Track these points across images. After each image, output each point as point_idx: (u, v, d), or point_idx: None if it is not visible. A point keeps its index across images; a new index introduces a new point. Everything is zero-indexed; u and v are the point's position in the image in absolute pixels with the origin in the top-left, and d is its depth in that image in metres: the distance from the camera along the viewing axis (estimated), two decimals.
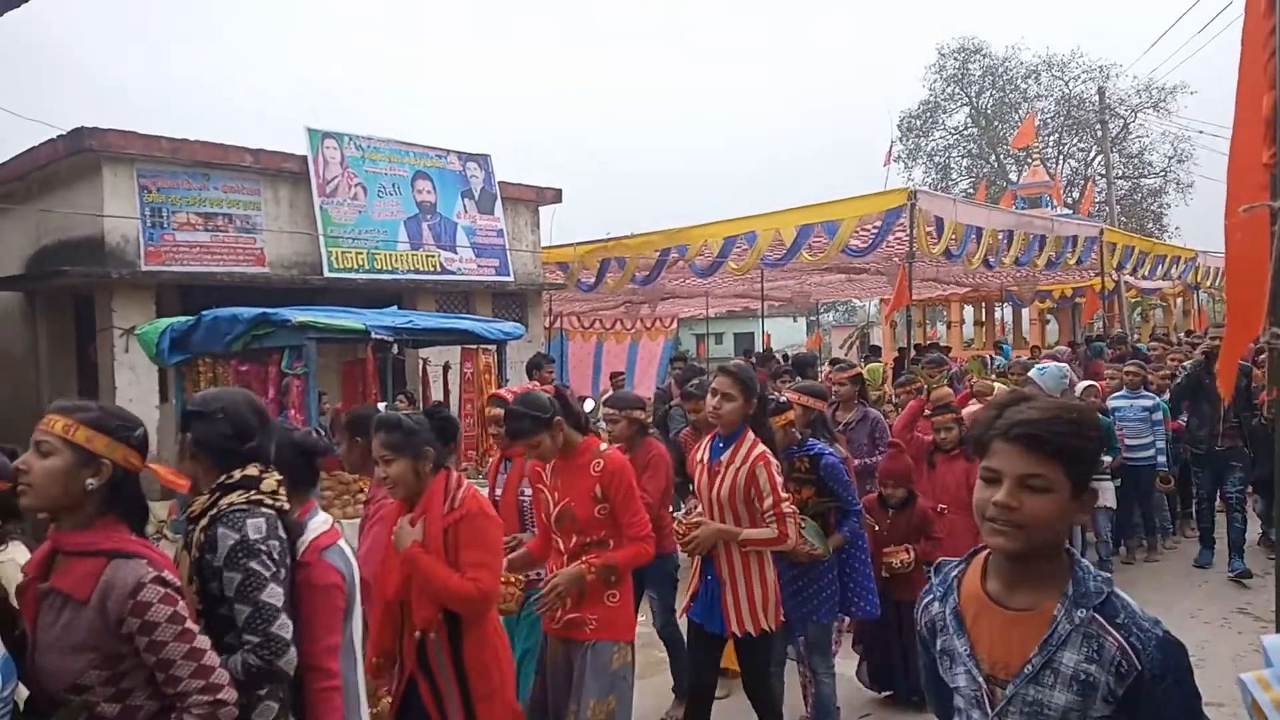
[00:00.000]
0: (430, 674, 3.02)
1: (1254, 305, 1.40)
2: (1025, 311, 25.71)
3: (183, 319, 6.69)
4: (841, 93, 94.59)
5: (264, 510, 2.30)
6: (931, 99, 38.11)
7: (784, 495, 3.70)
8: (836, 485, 4.25)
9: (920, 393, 6.52)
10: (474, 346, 7.79)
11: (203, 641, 2.05)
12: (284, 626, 2.22)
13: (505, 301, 13.07)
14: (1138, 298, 24.27)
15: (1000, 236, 12.72)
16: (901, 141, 37.14)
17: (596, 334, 19.04)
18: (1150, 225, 35.78)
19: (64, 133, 9.54)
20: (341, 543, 2.59)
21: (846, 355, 29.03)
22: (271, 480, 2.38)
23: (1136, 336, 21.69)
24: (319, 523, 2.56)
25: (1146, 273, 18.11)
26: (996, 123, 37.23)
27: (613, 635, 3.46)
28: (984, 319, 26.19)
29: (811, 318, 34.18)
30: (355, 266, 11.04)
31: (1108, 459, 6.98)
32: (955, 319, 26.57)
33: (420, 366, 8.78)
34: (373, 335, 6.46)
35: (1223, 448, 7.56)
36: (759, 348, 23.11)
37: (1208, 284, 21.17)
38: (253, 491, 2.32)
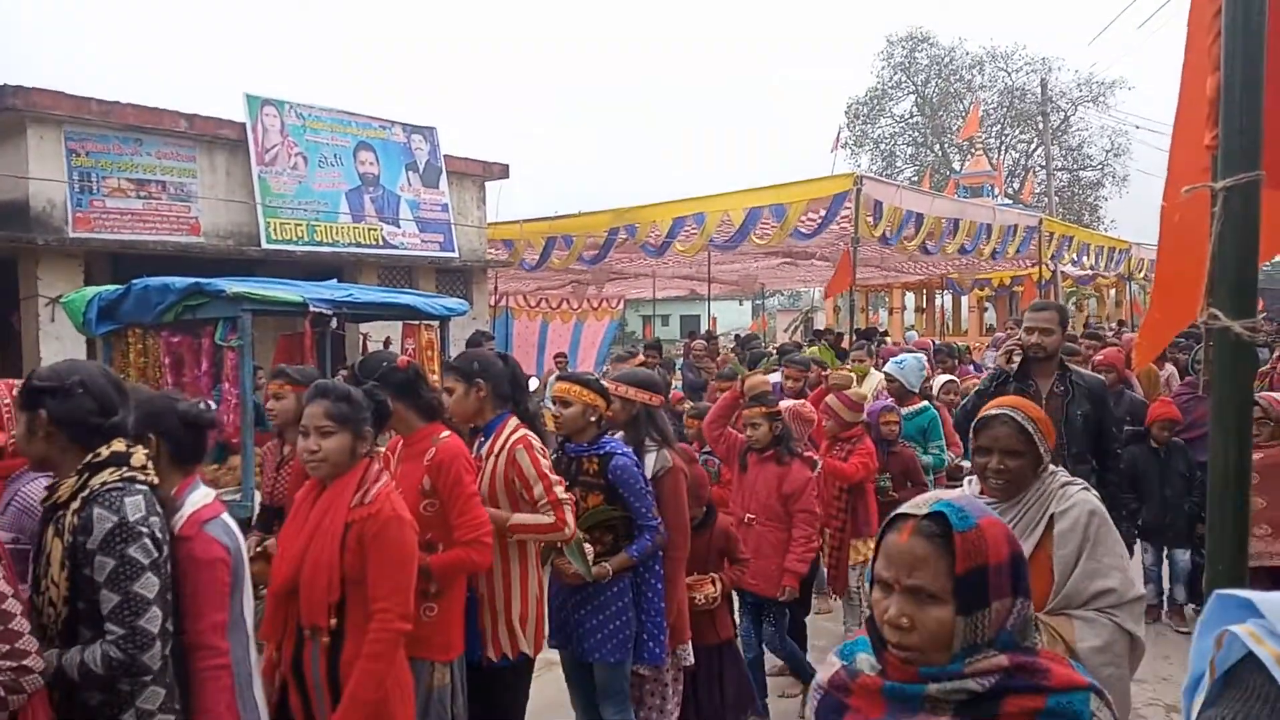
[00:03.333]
0: (302, 681, 2.70)
1: (1190, 287, 1.41)
2: (965, 299, 26.23)
3: (111, 288, 6.43)
4: (794, 80, 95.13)
5: (139, 487, 2.19)
6: (879, 86, 38.51)
7: (555, 479, 3.27)
8: (628, 493, 3.50)
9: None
10: (416, 322, 7.64)
11: (11, 605, 1.96)
12: (152, 619, 2.11)
13: (449, 278, 12.90)
14: (1073, 287, 24.89)
15: (945, 224, 12.91)
16: (849, 128, 37.47)
17: (542, 313, 18.91)
18: (1087, 217, 36.70)
19: None
20: (225, 516, 2.45)
21: (791, 339, 29.36)
22: (140, 454, 2.26)
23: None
24: (199, 496, 2.43)
25: (1082, 260, 18.57)
26: (941, 112, 37.78)
27: (425, 653, 2.95)
28: (925, 306, 26.65)
29: (757, 301, 34.42)
30: (294, 238, 10.77)
31: (965, 464, 5.86)
32: (897, 305, 27.02)
33: (361, 341, 8.61)
34: (311, 309, 6.29)
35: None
36: (705, 329, 23.22)
37: (1140, 275, 21.80)
38: (124, 468, 2.20)
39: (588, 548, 3.45)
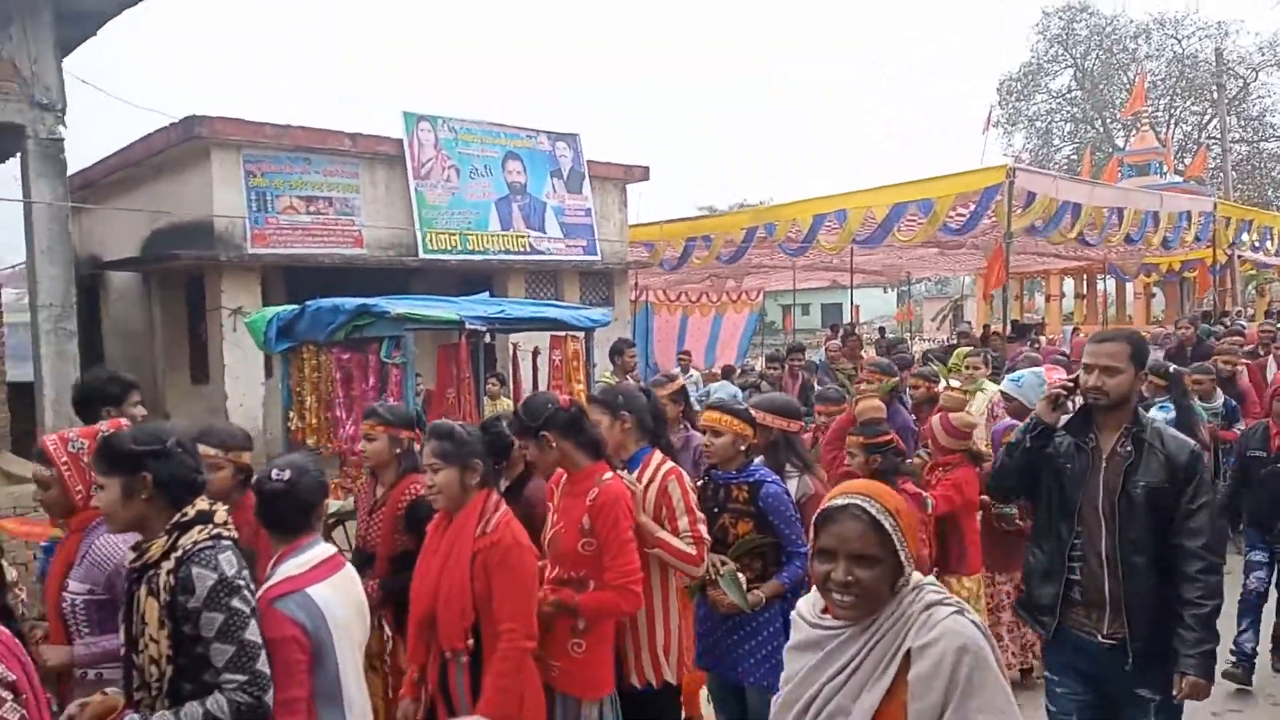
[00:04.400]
0: (449, 699, 2.87)
1: None
2: (1130, 285, 24.68)
3: (288, 308, 6.95)
4: (942, 57, 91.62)
5: (226, 543, 2.27)
6: (1034, 61, 36.58)
7: (700, 516, 3.35)
8: (778, 520, 3.52)
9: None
10: (562, 334, 7.90)
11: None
12: (265, 663, 2.21)
13: (592, 280, 13.19)
14: (1252, 271, 23.03)
15: (1106, 213, 12.23)
16: (1001, 106, 35.79)
17: (682, 307, 19.05)
18: (1271, 191, 33.79)
19: (176, 121, 9.97)
20: (311, 590, 2.41)
21: (939, 328, 28.32)
22: (221, 511, 2.34)
23: (1251, 312, 20.62)
24: (292, 565, 2.46)
25: (1265, 245, 17.18)
26: (1103, 85, 35.56)
27: (578, 690, 3.11)
28: (1085, 292, 25.24)
29: (902, 288, 33.48)
30: (448, 248, 11.28)
31: None
32: (1055, 292, 25.67)
33: (511, 350, 8.96)
34: (466, 325, 6.61)
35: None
36: (847, 319, 22.78)
37: None
38: (210, 526, 2.27)
39: (741, 577, 3.48)
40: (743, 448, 3.67)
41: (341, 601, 2.48)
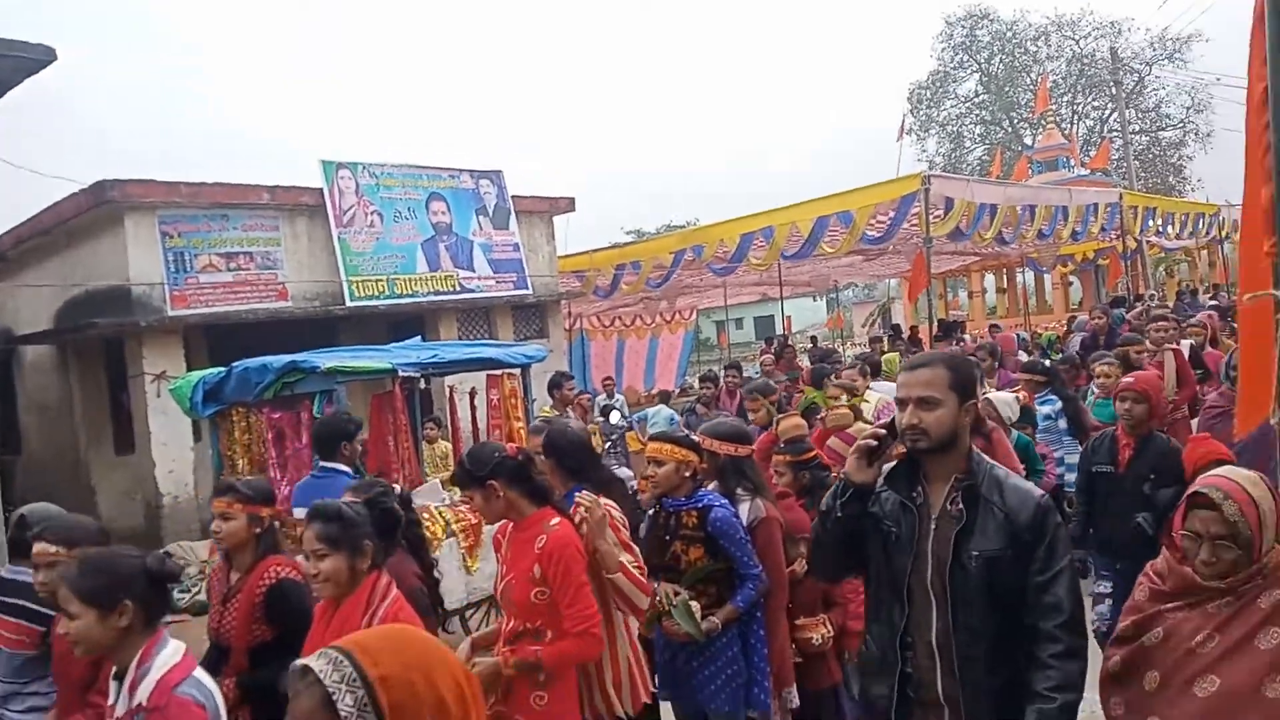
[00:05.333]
0: None
1: (1263, 388, 1.43)
2: (1048, 276, 25.48)
3: (214, 371, 6.80)
4: (852, 71, 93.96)
5: None
6: (941, 69, 37.78)
7: (635, 551, 3.33)
8: (729, 544, 3.52)
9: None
10: (498, 372, 7.86)
11: None
12: None
13: (525, 314, 13.15)
14: (1161, 254, 23.97)
15: (1020, 210, 12.63)
16: (913, 114, 36.81)
17: (617, 332, 19.12)
18: (1171, 178, 35.28)
19: (85, 187, 9.70)
20: (198, 671, 2.29)
21: (869, 332, 28.86)
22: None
23: (1162, 294, 21.44)
24: (169, 653, 2.27)
25: (1168, 230, 17.89)
26: (1008, 87, 36.84)
27: None
28: (1006, 286, 25.97)
29: (831, 295, 34.03)
30: (376, 294, 11.15)
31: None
32: (977, 289, 26.38)
33: (448, 393, 8.87)
34: (399, 373, 6.54)
35: None
36: (780, 331, 23.07)
37: (1235, 237, 20.85)
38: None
39: (694, 605, 3.50)
40: (688, 474, 3.70)
41: (214, 692, 2.30)
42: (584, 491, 3.50)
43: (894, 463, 2.47)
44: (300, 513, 5.09)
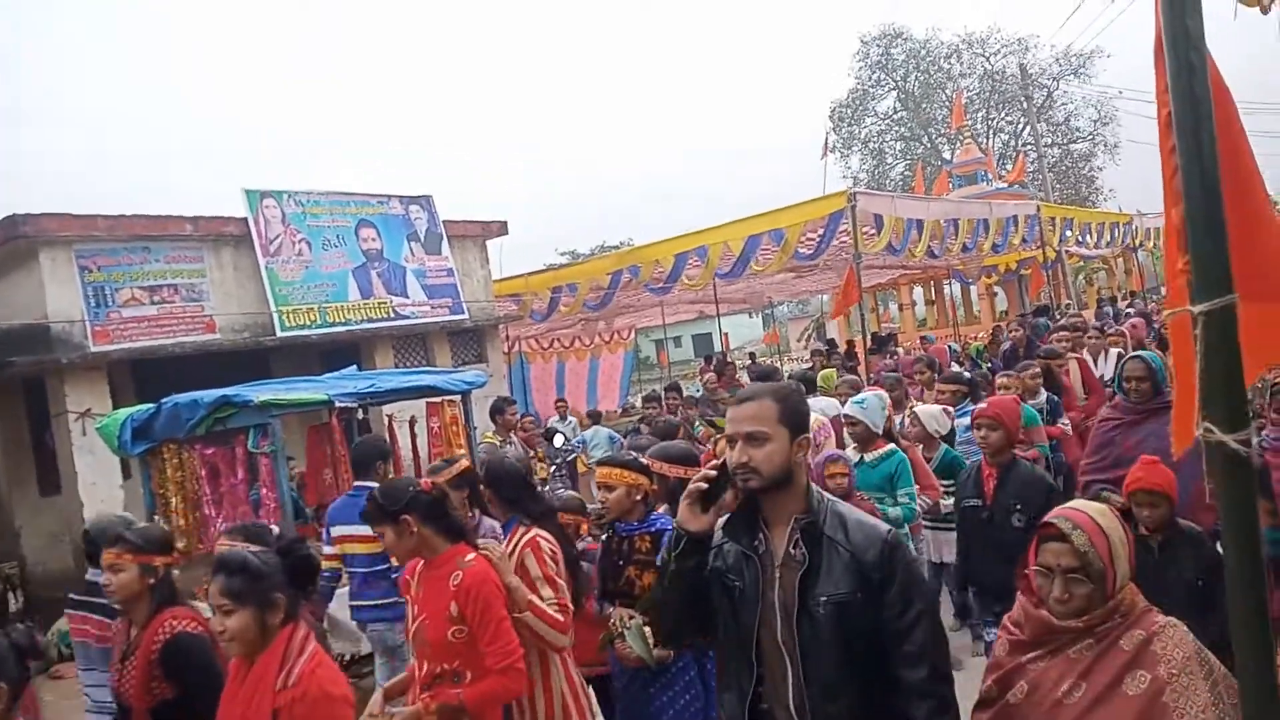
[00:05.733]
0: None
1: (1188, 402, 1.51)
2: (974, 288, 26.24)
3: (143, 408, 6.60)
4: (776, 89, 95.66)
5: None
6: (859, 87, 38.75)
7: (563, 586, 3.33)
8: None
9: None
10: (438, 399, 7.78)
11: None
12: None
13: (462, 339, 13.05)
14: (1080, 263, 24.88)
15: (944, 224, 13.00)
16: (835, 132, 37.66)
17: (556, 354, 19.06)
18: (1084, 189, 36.67)
19: None
20: None
21: (806, 347, 29.31)
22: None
23: (1083, 302, 22.25)
24: None
25: (1086, 240, 18.58)
26: (924, 104, 37.96)
27: None
28: (934, 298, 26.65)
29: (766, 312, 34.47)
30: (308, 323, 10.95)
31: (947, 503, 5.26)
32: (906, 301, 27.02)
33: (386, 422, 8.74)
34: (336, 405, 6.44)
35: None
36: (718, 348, 23.27)
37: (1149, 244, 21.76)
38: None
39: (647, 630, 3.46)
40: (638, 498, 3.72)
41: None
42: (519, 524, 3.50)
43: (704, 524, 2.20)
44: (339, 531, 5.22)
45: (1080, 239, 18.20)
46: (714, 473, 2.19)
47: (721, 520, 2.24)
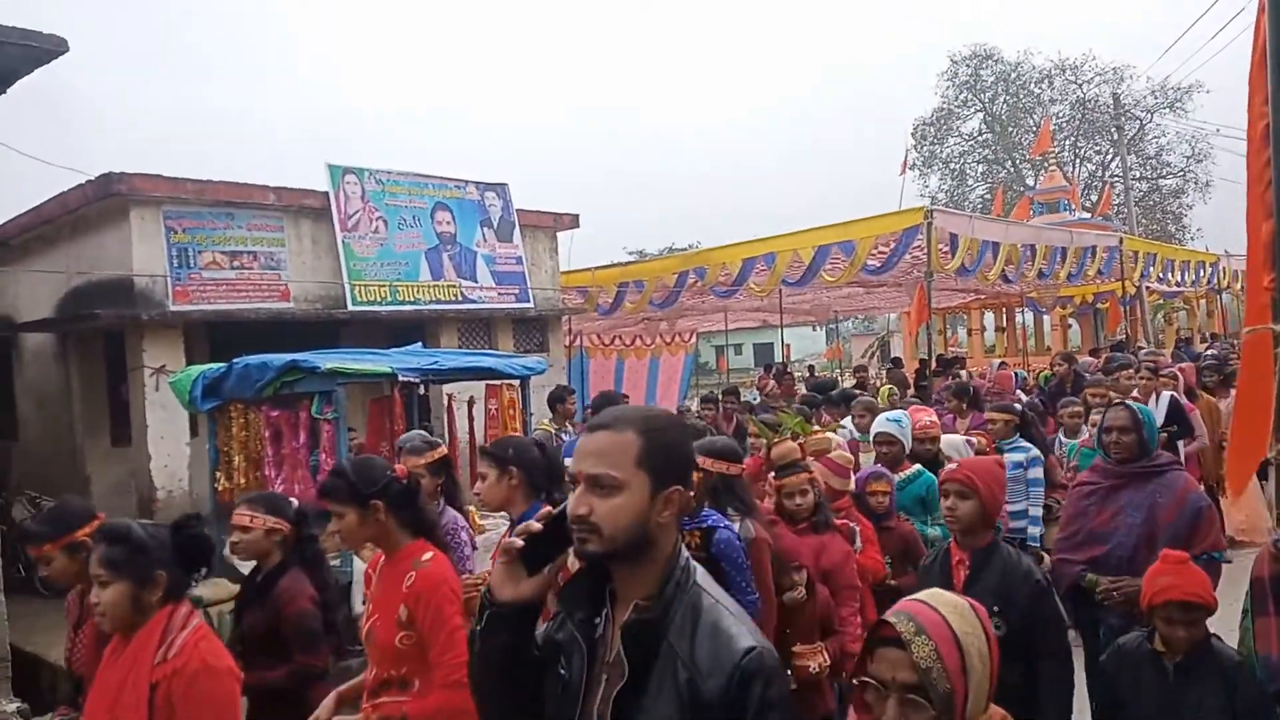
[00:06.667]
0: None
1: (1261, 420, 1.46)
2: (1047, 317, 25.61)
3: (214, 366, 6.83)
4: (857, 104, 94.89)
5: None
6: (945, 106, 38.13)
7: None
8: (730, 567, 3.39)
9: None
10: (498, 383, 7.89)
11: None
12: None
13: (526, 328, 13.18)
14: (1160, 301, 24.13)
15: (1022, 249, 12.72)
16: (916, 149, 37.11)
17: (617, 351, 19.13)
18: (1171, 226, 35.56)
19: (92, 178, 9.74)
20: None
21: (869, 363, 29.01)
22: None
23: (1160, 341, 21.57)
24: None
25: (1168, 277, 18.02)
26: (1011, 128, 37.19)
27: None
28: (1005, 325, 26.10)
29: (830, 326, 34.14)
30: (378, 299, 11.18)
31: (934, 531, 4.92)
32: (976, 326, 26.48)
33: (446, 400, 8.89)
34: (399, 378, 6.57)
35: None
36: (779, 358, 23.12)
37: (1234, 287, 21.01)
38: None
39: None
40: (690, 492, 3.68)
41: None
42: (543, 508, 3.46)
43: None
44: None
45: (1162, 276, 17.65)
46: (539, 526, 1.65)
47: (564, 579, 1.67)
